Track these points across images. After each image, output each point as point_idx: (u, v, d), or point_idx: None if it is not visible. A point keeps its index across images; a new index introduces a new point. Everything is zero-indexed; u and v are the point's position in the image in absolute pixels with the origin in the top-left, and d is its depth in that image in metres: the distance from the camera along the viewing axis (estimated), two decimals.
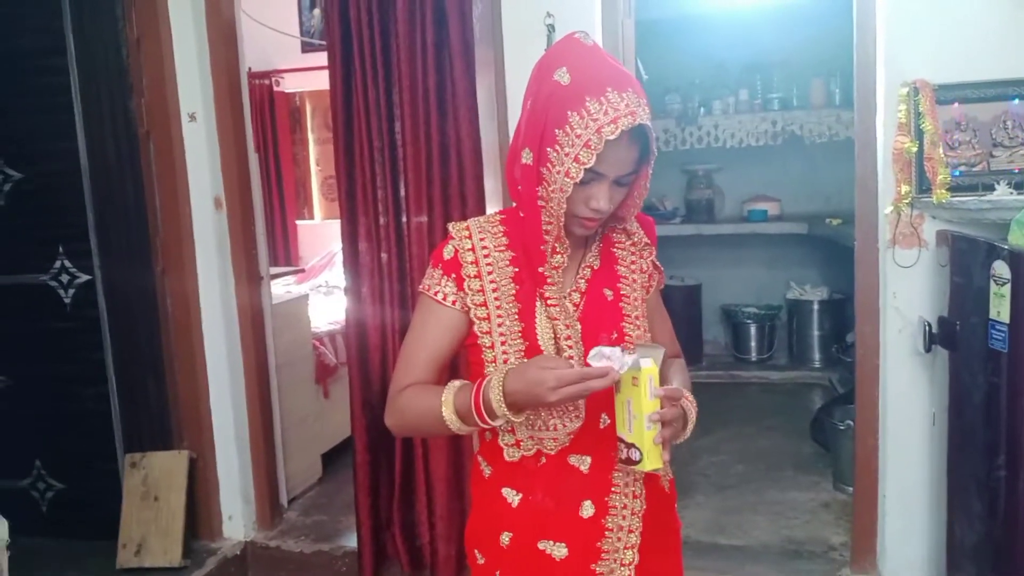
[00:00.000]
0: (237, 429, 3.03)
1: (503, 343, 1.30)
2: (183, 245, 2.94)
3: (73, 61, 2.90)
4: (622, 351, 1.18)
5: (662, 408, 1.18)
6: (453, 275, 1.32)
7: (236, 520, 3.06)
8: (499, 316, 1.30)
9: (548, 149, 1.21)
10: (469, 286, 1.31)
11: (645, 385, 1.17)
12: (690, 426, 1.30)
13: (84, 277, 3.01)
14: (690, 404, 1.31)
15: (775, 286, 5.18)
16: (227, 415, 3.01)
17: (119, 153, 2.95)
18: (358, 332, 2.80)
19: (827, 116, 4.71)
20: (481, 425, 1.23)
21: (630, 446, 1.20)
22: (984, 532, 1.93)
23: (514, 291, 1.31)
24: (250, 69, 5.40)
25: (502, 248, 1.33)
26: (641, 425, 1.18)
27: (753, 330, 5.08)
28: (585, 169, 1.18)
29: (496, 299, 1.31)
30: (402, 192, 2.72)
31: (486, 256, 1.32)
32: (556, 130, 1.19)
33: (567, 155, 1.18)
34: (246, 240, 3.00)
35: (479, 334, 1.32)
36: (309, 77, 5.56)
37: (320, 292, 4.86)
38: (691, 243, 5.00)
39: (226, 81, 2.91)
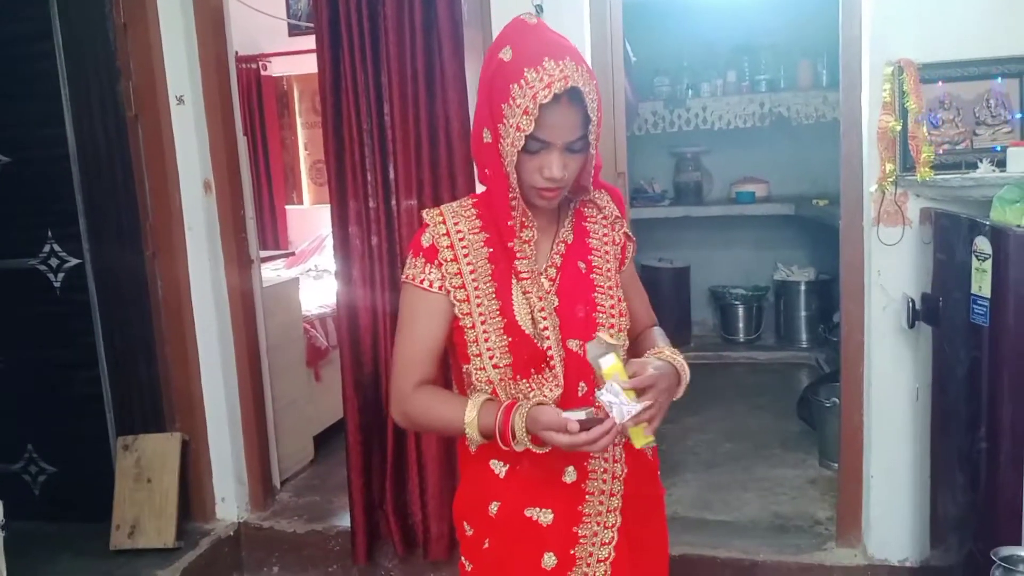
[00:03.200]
0: (229, 411, 3.04)
1: (483, 323, 1.33)
2: (173, 228, 2.94)
3: (60, 46, 2.88)
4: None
5: (637, 397, 1.22)
6: (435, 261, 1.35)
7: (229, 501, 3.07)
8: (477, 297, 1.34)
9: (499, 125, 1.25)
10: (447, 270, 1.34)
11: (613, 382, 1.21)
12: (685, 379, 1.34)
13: (74, 261, 3.01)
14: (680, 362, 1.36)
15: (763, 267, 5.22)
16: (219, 398, 3.02)
17: (107, 137, 2.94)
18: (349, 315, 2.82)
19: (814, 97, 4.74)
20: (503, 447, 1.27)
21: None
22: (966, 504, 1.97)
23: (490, 271, 1.34)
24: (237, 53, 5.37)
25: (476, 230, 1.36)
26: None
27: (741, 311, 5.12)
28: (531, 138, 1.22)
29: (474, 280, 1.34)
30: (391, 175, 2.72)
31: (461, 239, 1.35)
32: (502, 105, 1.23)
33: (511, 125, 1.22)
34: (235, 223, 3.00)
35: (460, 316, 1.35)
36: (297, 61, 5.53)
37: (310, 276, 4.86)
38: (680, 225, 5.03)
39: (214, 64, 2.91)
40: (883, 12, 2.32)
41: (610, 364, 1.22)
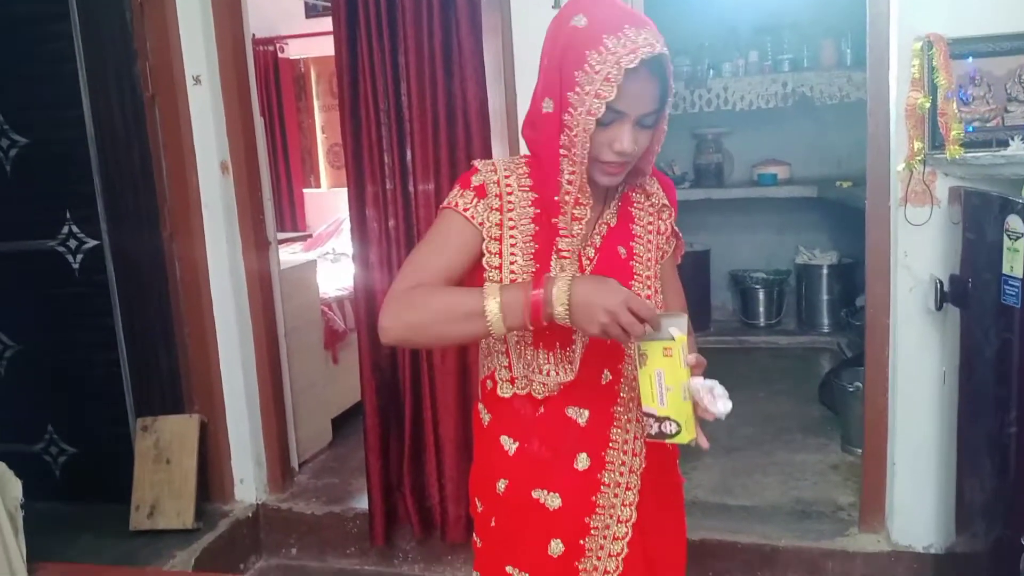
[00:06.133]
0: (247, 393, 3.04)
1: (513, 280, 1.28)
2: (190, 210, 2.93)
3: (76, 26, 2.87)
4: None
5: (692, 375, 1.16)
6: (482, 200, 1.30)
7: (248, 483, 3.08)
8: (512, 254, 1.28)
9: (568, 94, 1.19)
10: (489, 217, 1.29)
11: (679, 355, 1.15)
12: None
13: (92, 242, 3.00)
14: None
15: (784, 251, 5.15)
16: (237, 380, 3.02)
17: (125, 117, 2.93)
18: (367, 297, 2.81)
19: (838, 77, 4.64)
20: (526, 321, 1.17)
21: (663, 419, 1.17)
22: (994, 490, 1.93)
23: (533, 232, 1.30)
24: (254, 36, 5.36)
25: (525, 188, 1.31)
26: (678, 396, 1.16)
27: (762, 295, 5.06)
28: (607, 108, 1.17)
29: (512, 236, 1.29)
30: (409, 156, 2.70)
31: (509, 193, 1.30)
32: (575, 72, 1.18)
33: (588, 93, 1.17)
34: (253, 205, 2.99)
35: (487, 267, 1.30)
36: (314, 43, 5.51)
37: (327, 259, 4.86)
38: (700, 208, 4.96)
39: (230, 44, 2.89)
40: None
41: (679, 334, 1.15)
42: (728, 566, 2.65)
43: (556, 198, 1.26)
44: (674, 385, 1.16)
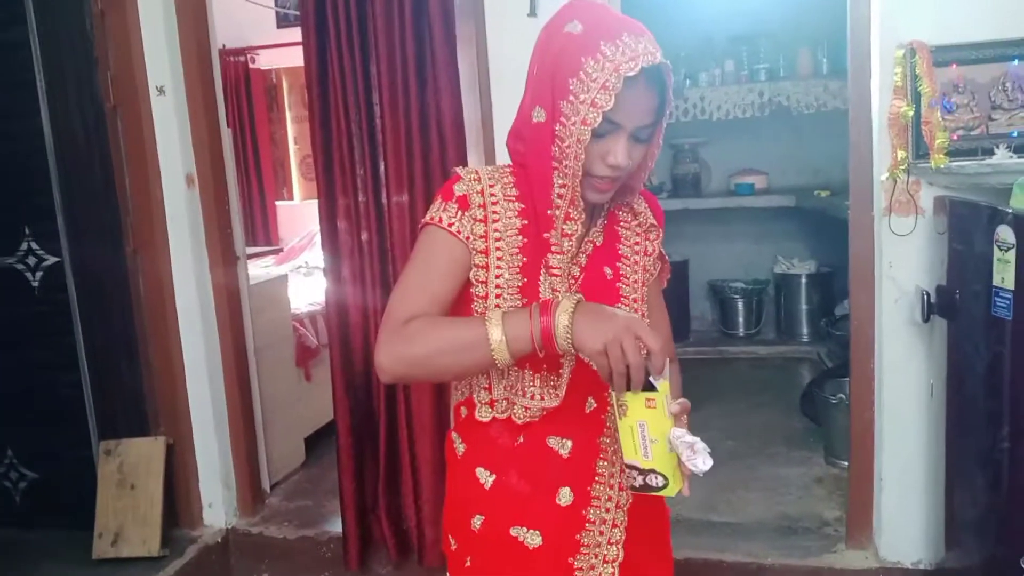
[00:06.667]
0: (216, 414, 2.93)
1: (498, 295, 1.20)
2: (155, 224, 2.83)
3: (34, 34, 2.77)
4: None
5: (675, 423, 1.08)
6: (467, 211, 1.22)
7: (217, 507, 2.97)
8: (499, 268, 1.21)
9: (561, 102, 1.12)
10: (473, 230, 1.21)
11: (663, 406, 1.08)
12: None
13: (52, 259, 2.90)
14: None
15: (762, 261, 5.12)
16: (205, 399, 2.91)
17: (86, 129, 2.83)
18: (339, 313, 2.72)
19: (815, 86, 4.62)
20: (538, 351, 1.09)
21: (647, 472, 1.10)
22: (987, 505, 1.88)
23: (520, 244, 1.22)
24: (224, 46, 5.28)
25: (511, 198, 1.23)
26: (663, 448, 1.09)
27: (740, 305, 5.02)
28: (603, 119, 1.10)
29: (498, 249, 1.21)
30: (382, 167, 2.62)
31: (494, 203, 1.22)
32: (570, 79, 1.11)
33: (583, 102, 1.10)
34: (220, 219, 2.90)
35: (473, 281, 1.22)
36: (285, 53, 5.42)
37: (300, 273, 4.76)
38: (678, 218, 4.90)
39: (195, 52, 2.80)
40: None
41: (662, 383, 1.08)
42: None
43: (548, 212, 1.19)
44: (659, 437, 1.08)
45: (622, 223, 1.31)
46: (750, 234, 5.15)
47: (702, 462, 1.06)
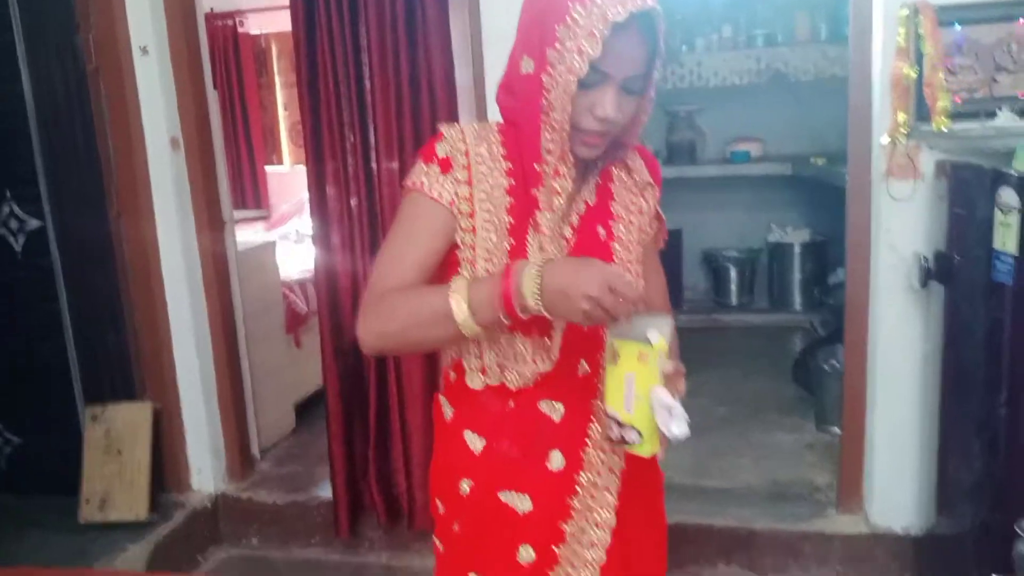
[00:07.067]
0: (204, 379, 2.90)
1: (487, 259, 1.16)
2: (139, 188, 2.77)
3: None
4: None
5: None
6: (448, 174, 1.17)
7: (205, 472, 2.95)
8: (486, 230, 1.16)
9: (548, 51, 1.07)
10: (458, 192, 1.17)
11: (655, 363, 1.04)
12: None
13: (35, 223, 2.84)
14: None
15: (757, 229, 5.07)
16: (192, 365, 2.88)
17: (67, 91, 2.77)
18: (328, 279, 2.69)
19: (813, 52, 4.56)
20: (502, 318, 1.06)
21: (626, 427, 1.07)
22: (981, 471, 1.87)
23: (507, 204, 1.17)
24: (211, 10, 5.17)
25: (499, 158, 1.18)
26: (646, 406, 1.05)
27: (734, 274, 4.99)
28: (590, 69, 1.05)
29: (486, 212, 1.16)
30: (371, 132, 2.58)
31: (479, 163, 1.17)
32: (556, 26, 1.06)
33: (569, 49, 1.05)
34: (206, 183, 2.84)
35: (460, 245, 1.18)
36: (274, 17, 5.30)
37: (290, 240, 4.70)
38: (673, 187, 4.74)
39: (180, 10, 2.72)
40: None
41: (658, 340, 1.03)
42: (703, 551, 2.59)
43: (537, 167, 1.14)
44: (644, 394, 1.05)
45: (616, 181, 1.27)
46: (745, 203, 5.10)
47: (676, 428, 1.03)
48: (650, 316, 1.10)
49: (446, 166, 1.17)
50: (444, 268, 1.21)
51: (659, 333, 1.04)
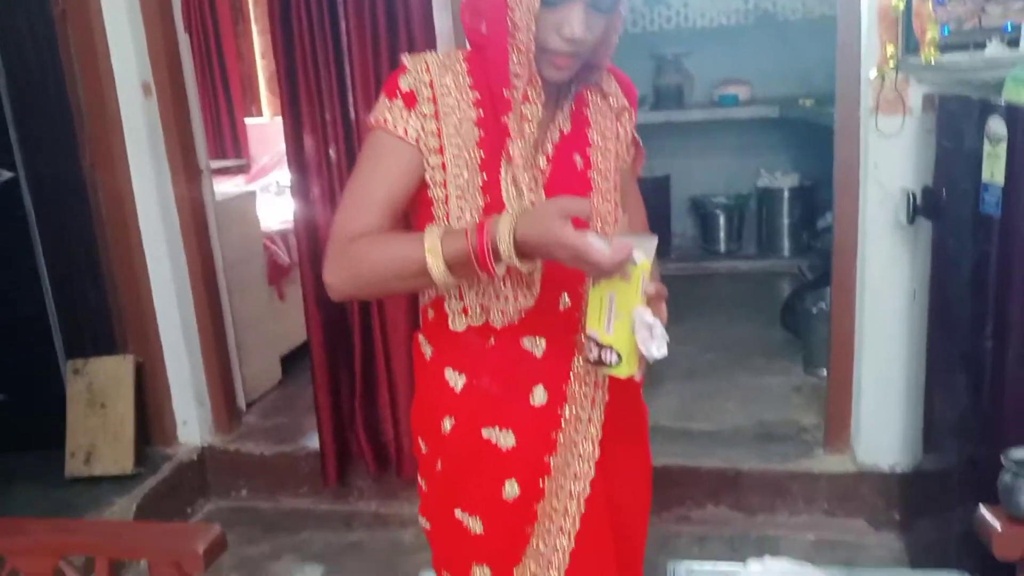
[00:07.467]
0: (185, 331, 2.86)
1: (459, 196, 1.12)
2: (111, 136, 2.70)
3: None
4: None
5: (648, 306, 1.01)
6: (413, 109, 1.12)
7: (191, 425, 2.93)
8: (456, 166, 1.12)
9: None
10: (424, 127, 1.12)
11: (638, 283, 1.00)
12: None
13: (7, 174, 2.77)
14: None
15: (745, 175, 5.03)
16: (173, 317, 2.84)
17: (34, 36, 2.69)
18: (307, 229, 2.65)
19: None
20: (479, 272, 1.03)
21: (605, 347, 1.05)
22: (968, 407, 1.86)
23: (477, 137, 1.12)
24: None
25: (465, 88, 1.13)
26: (626, 326, 1.02)
27: (722, 220, 4.97)
28: None
29: (455, 147, 1.12)
30: (348, 78, 2.50)
31: (446, 95, 1.12)
32: None
33: None
34: (180, 130, 2.76)
35: (430, 183, 1.14)
36: None
37: (271, 192, 4.63)
38: (660, 133, 4.79)
39: None
40: None
41: (643, 259, 1.00)
42: (691, 492, 2.60)
43: (505, 93, 1.09)
44: (625, 314, 1.02)
45: (592, 107, 1.22)
46: (733, 147, 5.05)
47: (656, 348, 1.01)
48: (635, 235, 1.06)
49: (410, 100, 1.12)
50: (415, 206, 1.17)
51: (643, 253, 1.00)
